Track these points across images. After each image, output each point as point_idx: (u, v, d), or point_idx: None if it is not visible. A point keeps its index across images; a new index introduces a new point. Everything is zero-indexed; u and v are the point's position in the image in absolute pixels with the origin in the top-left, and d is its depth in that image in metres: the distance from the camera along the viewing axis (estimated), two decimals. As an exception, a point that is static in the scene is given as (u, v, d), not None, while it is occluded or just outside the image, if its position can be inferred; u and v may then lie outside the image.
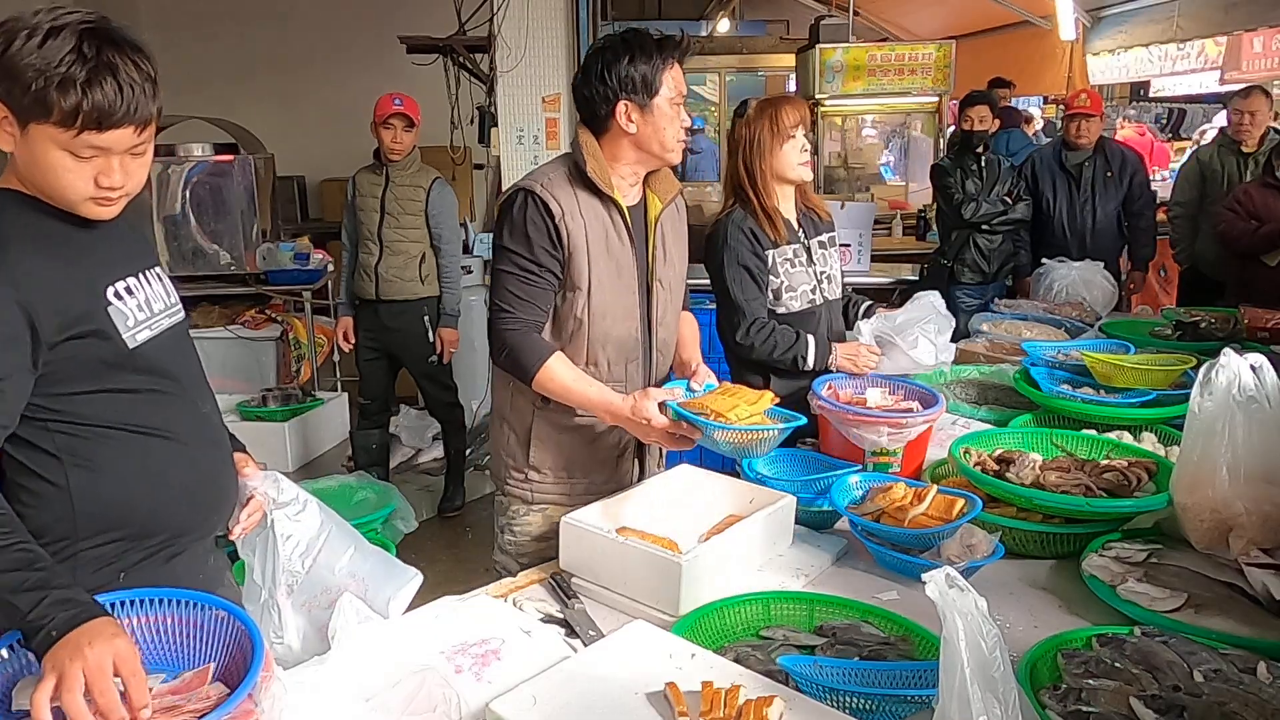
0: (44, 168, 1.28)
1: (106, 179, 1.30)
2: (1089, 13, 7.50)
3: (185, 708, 1.11)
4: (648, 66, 1.90)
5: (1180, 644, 1.33)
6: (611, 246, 1.93)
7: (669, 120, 1.92)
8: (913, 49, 6.60)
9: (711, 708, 1.19)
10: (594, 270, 1.90)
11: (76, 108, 1.23)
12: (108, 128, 1.26)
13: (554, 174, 1.93)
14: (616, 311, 1.95)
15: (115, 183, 1.31)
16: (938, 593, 0.99)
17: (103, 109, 1.24)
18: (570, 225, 1.88)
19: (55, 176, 1.29)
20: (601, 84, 1.90)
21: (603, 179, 1.91)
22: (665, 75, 1.91)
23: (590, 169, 1.90)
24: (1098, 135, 4.72)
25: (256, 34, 7.62)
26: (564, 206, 1.88)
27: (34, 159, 1.28)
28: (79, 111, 1.23)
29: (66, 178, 1.29)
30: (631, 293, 1.97)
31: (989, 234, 4.65)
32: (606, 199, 1.92)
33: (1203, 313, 3.13)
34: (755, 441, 1.71)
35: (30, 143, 1.27)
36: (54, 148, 1.26)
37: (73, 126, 1.24)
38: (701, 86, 10.72)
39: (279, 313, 5.36)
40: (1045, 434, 2.12)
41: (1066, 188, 4.69)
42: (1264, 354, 1.63)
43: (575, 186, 1.91)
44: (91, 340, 1.33)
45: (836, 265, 2.56)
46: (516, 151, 4.85)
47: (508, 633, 1.48)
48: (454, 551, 4.03)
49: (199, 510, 1.49)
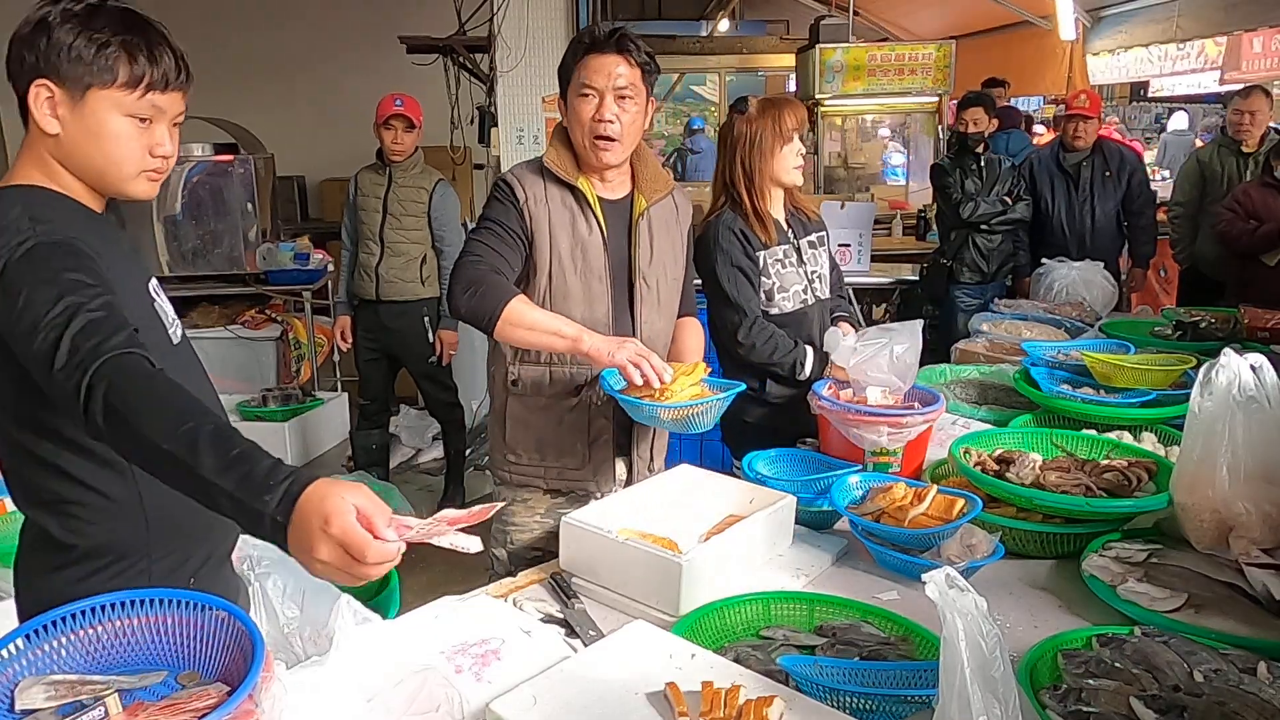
0: (103, 138, 1.30)
1: (160, 148, 1.34)
2: (1089, 13, 7.50)
3: (186, 707, 1.11)
4: (569, 59, 1.97)
5: (1180, 644, 1.33)
6: (578, 231, 1.99)
7: (575, 116, 1.96)
8: (913, 49, 6.61)
9: (711, 708, 1.19)
10: (555, 253, 1.97)
11: (144, 69, 1.28)
12: (171, 89, 1.32)
13: (527, 165, 2.04)
14: (578, 294, 1.99)
15: (168, 151, 1.35)
16: (938, 593, 0.99)
17: (167, 69, 1.30)
18: (534, 209, 1.96)
19: (115, 147, 1.30)
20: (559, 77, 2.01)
21: (561, 167, 1.98)
22: (575, 70, 1.95)
23: (547, 158, 2.00)
24: (1095, 136, 4.72)
25: (257, 34, 7.62)
26: (529, 192, 1.97)
27: (90, 131, 1.29)
28: (146, 72, 1.28)
29: (127, 147, 1.31)
30: (599, 280, 1.99)
31: (988, 234, 4.66)
32: (573, 187, 1.99)
33: (1203, 313, 3.13)
34: (697, 414, 1.80)
35: (87, 115, 1.28)
36: (116, 114, 1.29)
37: (138, 87, 1.28)
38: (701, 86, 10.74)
39: (279, 313, 5.37)
40: (1045, 434, 2.12)
41: (1065, 188, 4.70)
42: (1264, 354, 1.63)
43: (544, 176, 2.00)
44: (148, 334, 1.33)
45: (826, 264, 2.55)
46: (516, 151, 4.85)
47: (508, 633, 1.48)
48: (454, 551, 4.03)
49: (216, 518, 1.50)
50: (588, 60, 1.93)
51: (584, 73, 1.93)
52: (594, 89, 1.92)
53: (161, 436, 1.06)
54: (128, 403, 1.09)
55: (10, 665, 1.14)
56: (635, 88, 1.94)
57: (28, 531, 1.43)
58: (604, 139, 1.94)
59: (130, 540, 1.38)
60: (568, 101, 1.98)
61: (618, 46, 1.93)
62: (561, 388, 2.02)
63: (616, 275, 2.02)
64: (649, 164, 2.09)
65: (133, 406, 1.09)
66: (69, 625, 1.18)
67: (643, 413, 1.81)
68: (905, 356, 2.08)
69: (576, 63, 1.95)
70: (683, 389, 1.82)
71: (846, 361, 2.12)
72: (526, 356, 2.02)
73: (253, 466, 1.03)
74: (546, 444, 2.05)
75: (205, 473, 1.03)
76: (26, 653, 1.13)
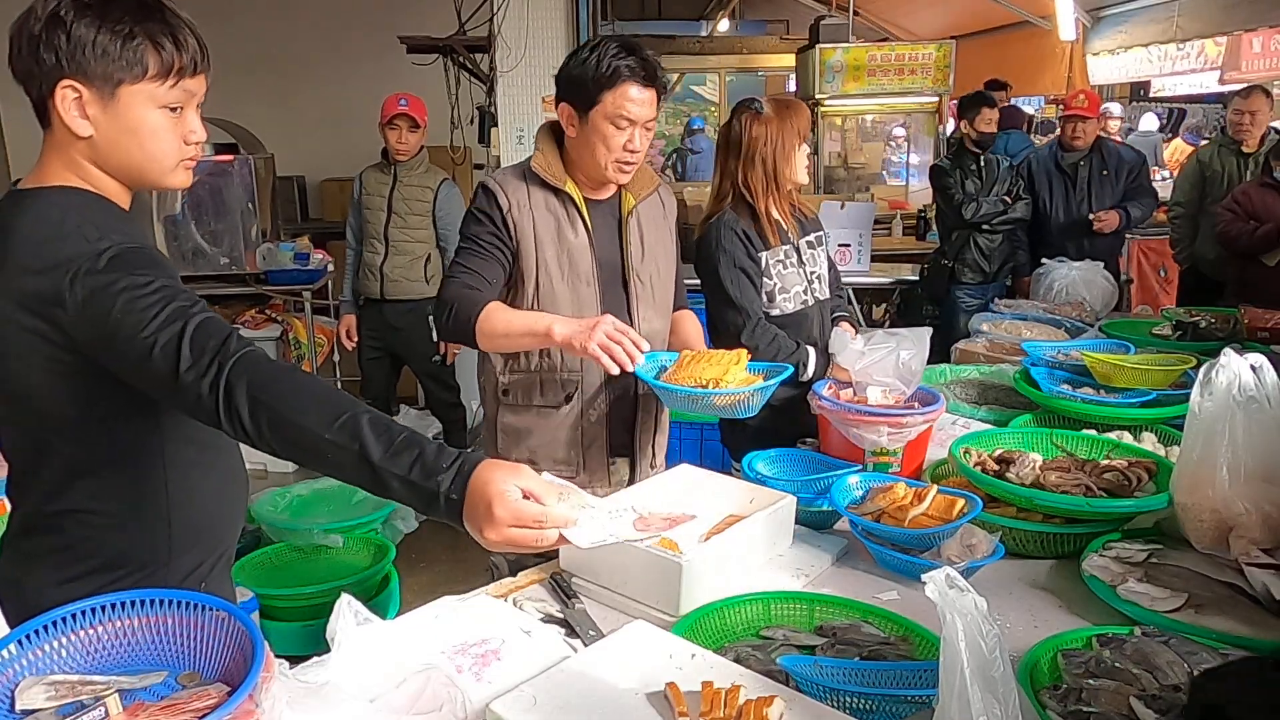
0: (142, 134, 1.27)
1: (194, 134, 1.32)
2: (1089, 13, 7.50)
3: (186, 707, 1.11)
4: (593, 76, 1.87)
5: (1180, 644, 1.33)
6: (564, 237, 1.97)
7: (601, 139, 1.90)
8: (913, 49, 6.61)
9: (711, 708, 1.19)
10: (542, 260, 1.95)
11: (173, 56, 1.25)
12: (199, 72, 1.30)
13: (512, 170, 2.01)
14: (566, 301, 1.97)
15: (201, 136, 1.33)
16: (937, 593, 0.99)
17: (194, 52, 1.28)
18: (518, 217, 1.94)
19: (154, 142, 1.28)
20: (561, 79, 1.94)
21: (548, 171, 1.96)
22: (610, 94, 1.87)
23: (535, 162, 1.97)
24: (1094, 136, 4.72)
25: (257, 34, 7.61)
26: (513, 199, 1.94)
27: (128, 129, 1.27)
28: (175, 59, 1.26)
29: (165, 140, 1.29)
30: (587, 284, 1.99)
31: (989, 234, 4.66)
32: (560, 191, 1.96)
33: (1203, 313, 3.13)
34: (746, 400, 1.85)
35: (121, 111, 1.25)
36: (151, 106, 1.27)
37: (170, 75, 1.26)
38: (701, 86, 10.75)
39: (279, 313, 5.37)
40: (1045, 434, 2.12)
41: (1063, 188, 4.70)
42: (1264, 354, 1.63)
43: (529, 181, 1.97)
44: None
45: (825, 264, 2.55)
46: (516, 151, 4.86)
47: (508, 633, 1.48)
48: (454, 551, 4.03)
49: (240, 517, 1.55)
50: (628, 90, 1.87)
51: (623, 102, 1.87)
52: (631, 121, 1.89)
53: (323, 428, 1.10)
54: (277, 397, 1.12)
55: (10, 665, 1.14)
56: (655, 119, 1.96)
57: (28, 540, 1.40)
58: (628, 164, 1.94)
59: (150, 549, 1.39)
60: (590, 120, 1.90)
61: (659, 84, 1.91)
62: (553, 395, 2.01)
63: (609, 277, 2.01)
64: None
65: (284, 400, 1.12)
66: (69, 625, 1.18)
67: (698, 402, 1.82)
68: (911, 362, 2.08)
69: (612, 88, 1.87)
70: (734, 377, 1.87)
71: (852, 364, 2.12)
72: (515, 365, 2.02)
73: (422, 449, 1.09)
74: (540, 454, 2.04)
75: (377, 460, 1.08)
76: (27, 653, 1.14)
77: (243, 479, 1.55)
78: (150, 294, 1.18)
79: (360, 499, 3.32)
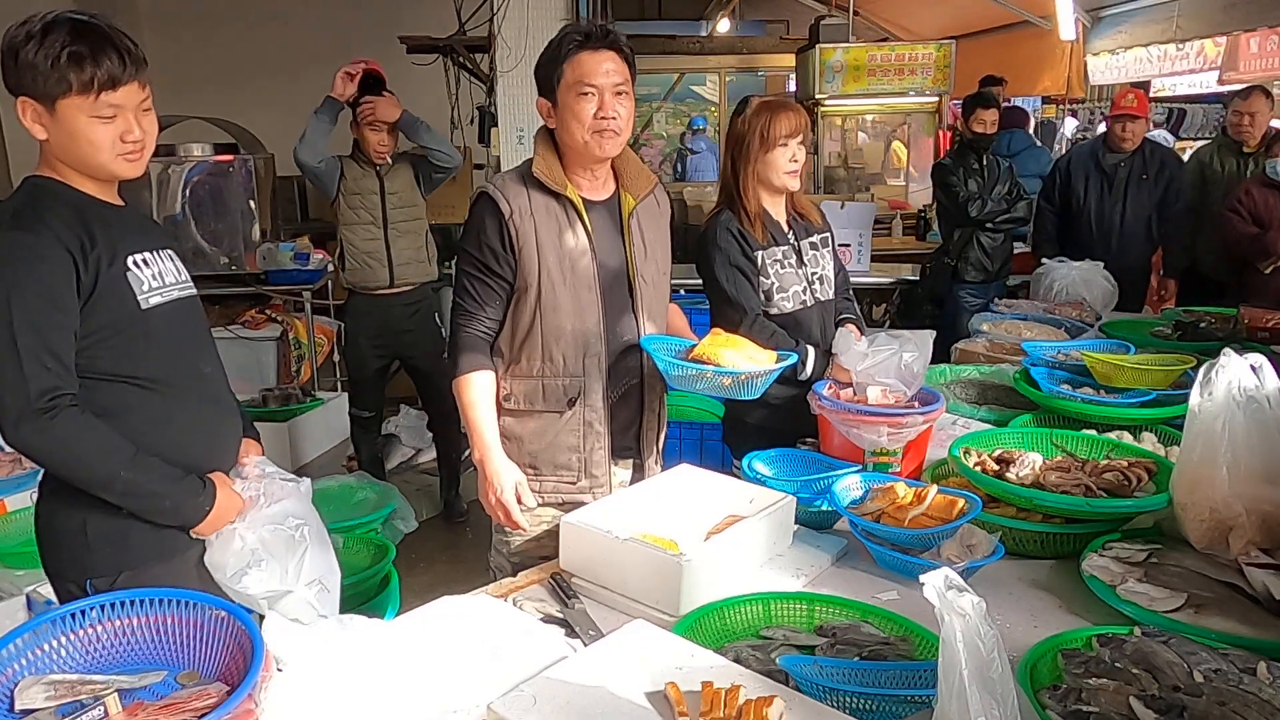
0: (77, 137, 1.53)
1: (130, 135, 1.56)
2: (1089, 13, 7.50)
3: (186, 707, 1.11)
4: (550, 58, 1.94)
5: (1180, 644, 1.33)
6: (565, 242, 1.96)
7: (572, 114, 1.91)
8: (913, 49, 6.61)
9: (711, 708, 1.19)
10: (544, 266, 1.94)
11: (92, 75, 1.49)
12: (120, 86, 1.52)
13: (511, 175, 2.01)
14: (569, 307, 1.96)
15: (136, 136, 1.57)
16: (936, 594, 0.99)
17: (112, 71, 1.50)
18: (519, 224, 1.94)
19: (88, 141, 1.53)
20: (535, 78, 1.98)
21: (549, 175, 1.95)
22: (566, 66, 1.91)
23: (535, 166, 1.97)
24: (1142, 138, 4.61)
25: (257, 34, 7.62)
26: (514, 205, 1.94)
27: (67, 133, 1.53)
28: (94, 78, 1.49)
29: (99, 142, 1.53)
30: (589, 289, 1.98)
31: (992, 233, 4.66)
32: (560, 196, 1.96)
33: (1203, 313, 3.13)
34: (751, 380, 1.95)
35: (60, 121, 1.52)
36: (81, 116, 1.51)
37: (91, 91, 1.50)
38: (701, 86, 10.74)
39: (279, 313, 5.37)
40: (1045, 434, 2.12)
41: (1099, 187, 4.58)
42: (1264, 354, 1.63)
43: (529, 186, 1.96)
44: (112, 299, 1.56)
45: (829, 266, 2.54)
46: (516, 152, 4.85)
47: (508, 633, 1.48)
48: (453, 552, 4.03)
49: (191, 457, 1.67)
50: (581, 58, 1.89)
51: (579, 71, 1.89)
52: (594, 87, 1.89)
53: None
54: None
55: (10, 665, 1.14)
56: (627, 84, 1.93)
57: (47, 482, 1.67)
58: (607, 131, 1.92)
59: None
60: (559, 100, 1.92)
61: (611, 44, 1.91)
62: (555, 401, 2.00)
63: (611, 280, 2.00)
64: (630, 161, 2.08)
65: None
66: (68, 625, 1.18)
67: (706, 380, 1.93)
68: (914, 365, 2.08)
69: (566, 61, 1.90)
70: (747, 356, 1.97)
71: (855, 365, 2.12)
72: (517, 370, 2.01)
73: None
74: (541, 459, 2.03)
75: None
76: (26, 652, 1.14)
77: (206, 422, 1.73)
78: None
79: (360, 499, 3.31)
